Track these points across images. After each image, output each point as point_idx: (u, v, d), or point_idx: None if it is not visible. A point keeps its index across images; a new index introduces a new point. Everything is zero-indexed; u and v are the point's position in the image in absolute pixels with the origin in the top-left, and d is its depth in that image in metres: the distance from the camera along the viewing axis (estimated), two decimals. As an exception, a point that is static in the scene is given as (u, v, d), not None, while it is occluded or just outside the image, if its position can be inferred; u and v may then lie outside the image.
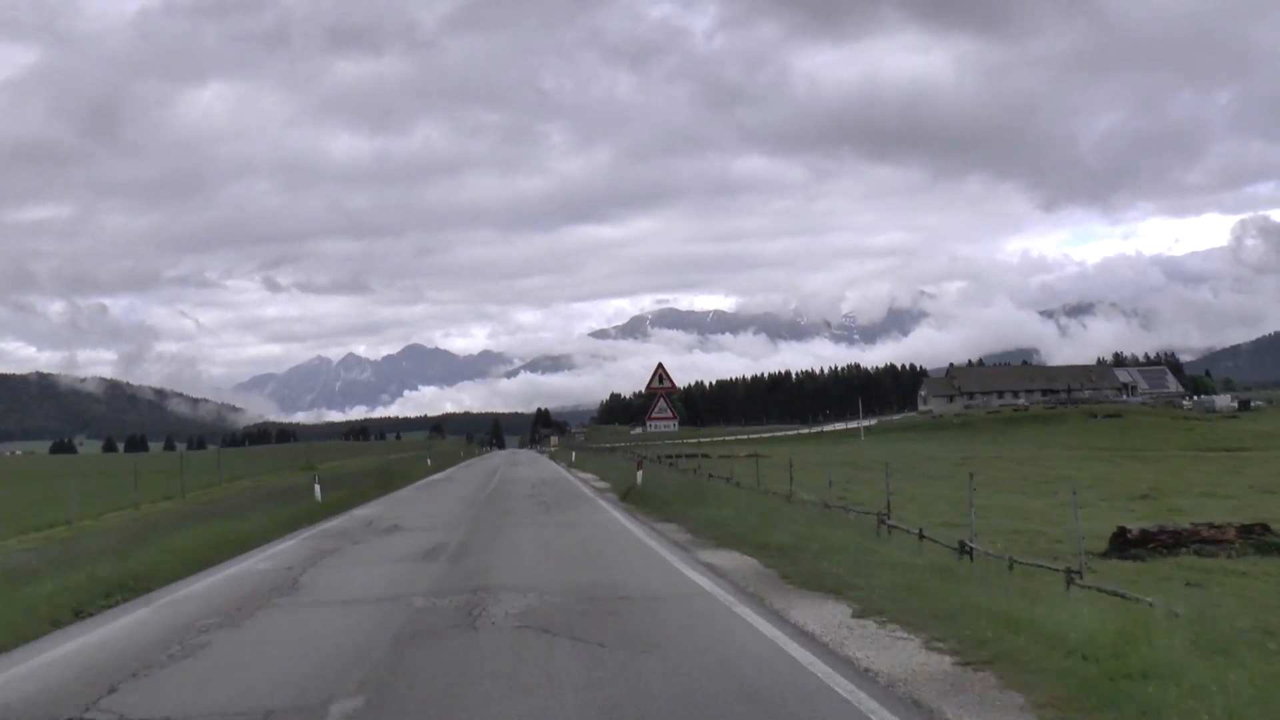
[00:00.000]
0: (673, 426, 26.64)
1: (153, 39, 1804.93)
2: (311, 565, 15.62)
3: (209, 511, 23.75)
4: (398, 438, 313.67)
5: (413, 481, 44.92)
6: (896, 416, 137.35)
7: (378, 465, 54.64)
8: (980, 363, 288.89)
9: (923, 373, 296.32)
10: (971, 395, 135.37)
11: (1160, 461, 60.40)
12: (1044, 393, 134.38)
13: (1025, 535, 21.53)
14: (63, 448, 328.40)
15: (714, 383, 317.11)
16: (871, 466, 51.43)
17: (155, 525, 21.20)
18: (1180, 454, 71.02)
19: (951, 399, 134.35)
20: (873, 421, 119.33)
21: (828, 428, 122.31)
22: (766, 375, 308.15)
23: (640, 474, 29.99)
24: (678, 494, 24.62)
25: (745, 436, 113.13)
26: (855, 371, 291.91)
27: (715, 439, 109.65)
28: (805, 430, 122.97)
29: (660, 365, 26.25)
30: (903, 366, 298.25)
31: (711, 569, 13.77)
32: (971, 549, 13.98)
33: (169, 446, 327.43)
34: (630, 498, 27.07)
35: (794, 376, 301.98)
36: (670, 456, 55.91)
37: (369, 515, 25.21)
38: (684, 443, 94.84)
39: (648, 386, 27.07)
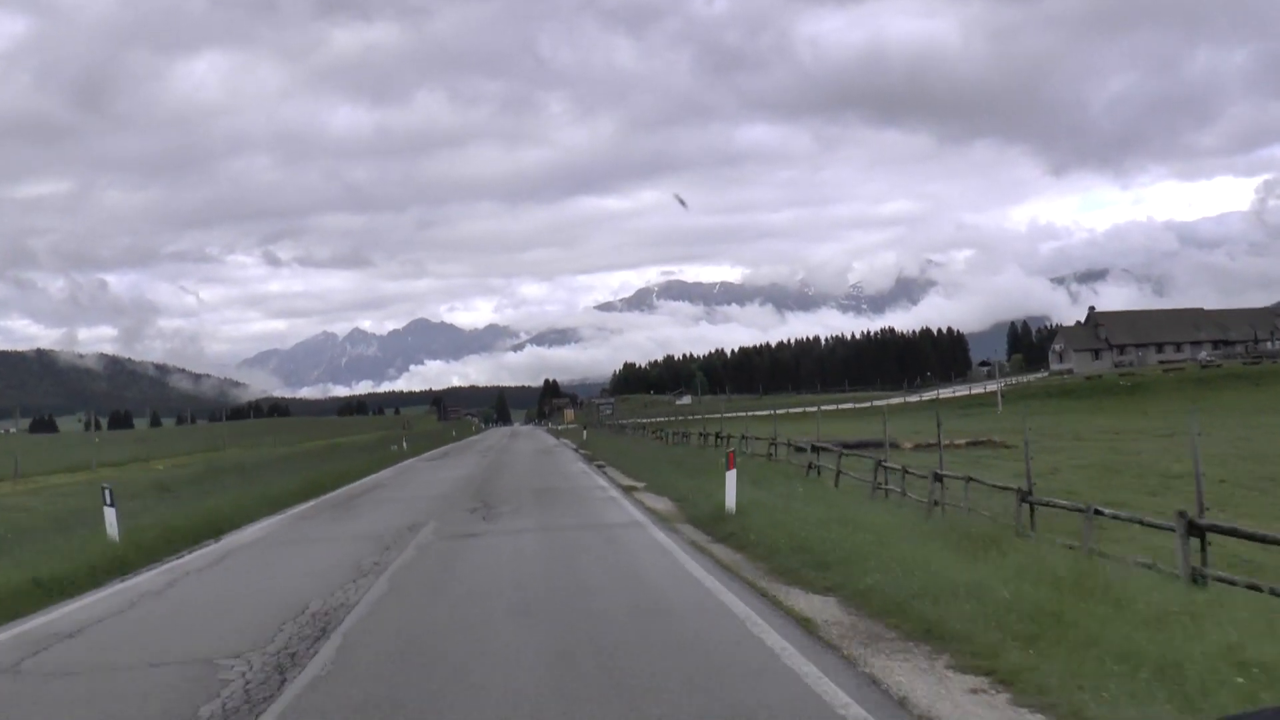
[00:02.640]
0: None
1: (139, 6, 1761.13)
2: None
3: None
4: (396, 412, 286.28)
5: None
6: (1031, 378, 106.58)
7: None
8: (1041, 331, 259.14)
9: (959, 337, 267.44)
10: (1122, 349, 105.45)
11: None
12: (1215, 344, 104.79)
13: None
14: (43, 425, 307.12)
15: (735, 350, 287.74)
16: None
17: None
18: None
19: (1097, 354, 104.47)
20: (998, 384, 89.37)
21: (942, 393, 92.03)
22: (793, 342, 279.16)
23: None
24: None
25: (835, 406, 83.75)
26: (890, 336, 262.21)
27: (794, 409, 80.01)
28: (913, 398, 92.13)
29: None
30: (939, 331, 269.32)
31: None
32: None
33: (155, 423, 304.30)
34: None
35: (824, 342, 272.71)
36: (806, 450, 27.15)
37: None
38: (753, 415, 66.06)
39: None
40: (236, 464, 39.08)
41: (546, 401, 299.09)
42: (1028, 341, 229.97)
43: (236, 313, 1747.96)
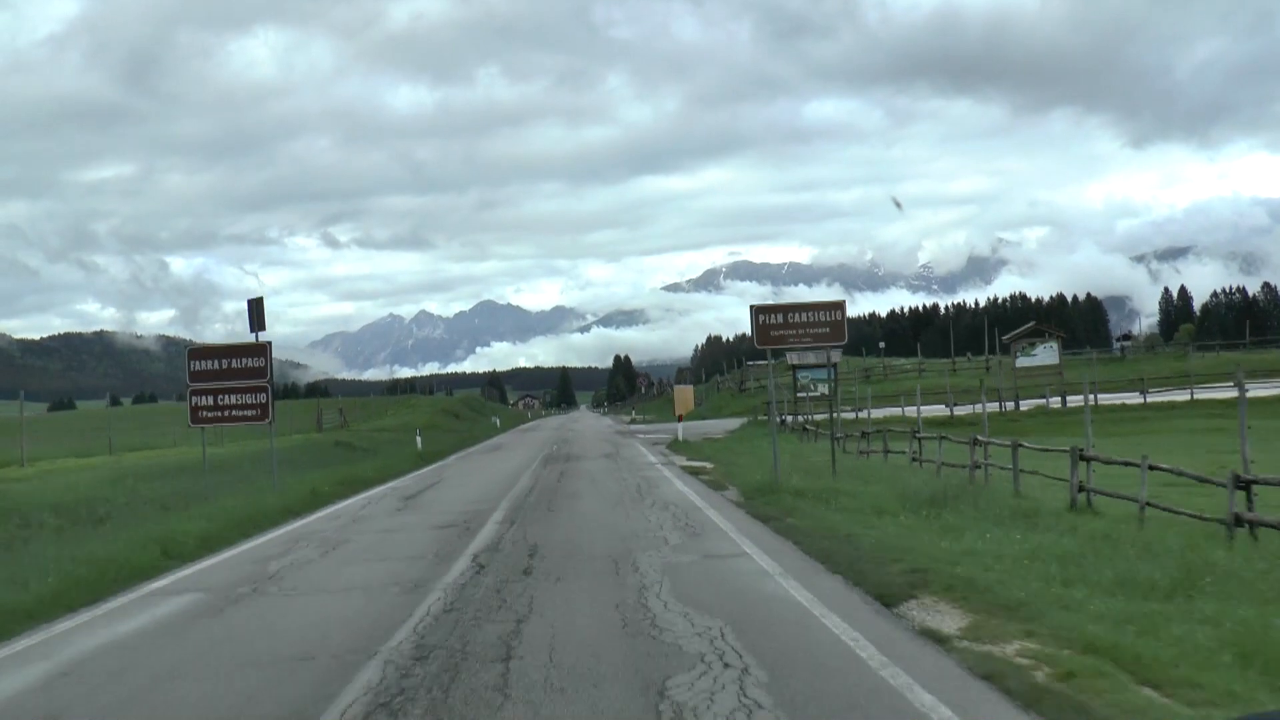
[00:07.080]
0: None
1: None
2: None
3: None
4: (449, 394, 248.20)
5: None
6: None
7: None
8: (1219, 296, 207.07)
9: (1097, 303, 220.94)
10: None
11: None
12: None
13: None
14: (61, 406, 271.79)
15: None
16: None
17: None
18: None
19: None
20: None
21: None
22: (906, 310, 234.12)
23: None
24: None
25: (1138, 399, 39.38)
26: (1022, 302, 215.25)
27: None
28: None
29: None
30: (1074, 296, 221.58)
31: None
32: None
33: (182, 398, 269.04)
34: None
35: (944, 310, 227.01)
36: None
37: None
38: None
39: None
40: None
41: (616, 383, 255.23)
42: (1184, 309, 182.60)
43: (303, 295, 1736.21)
